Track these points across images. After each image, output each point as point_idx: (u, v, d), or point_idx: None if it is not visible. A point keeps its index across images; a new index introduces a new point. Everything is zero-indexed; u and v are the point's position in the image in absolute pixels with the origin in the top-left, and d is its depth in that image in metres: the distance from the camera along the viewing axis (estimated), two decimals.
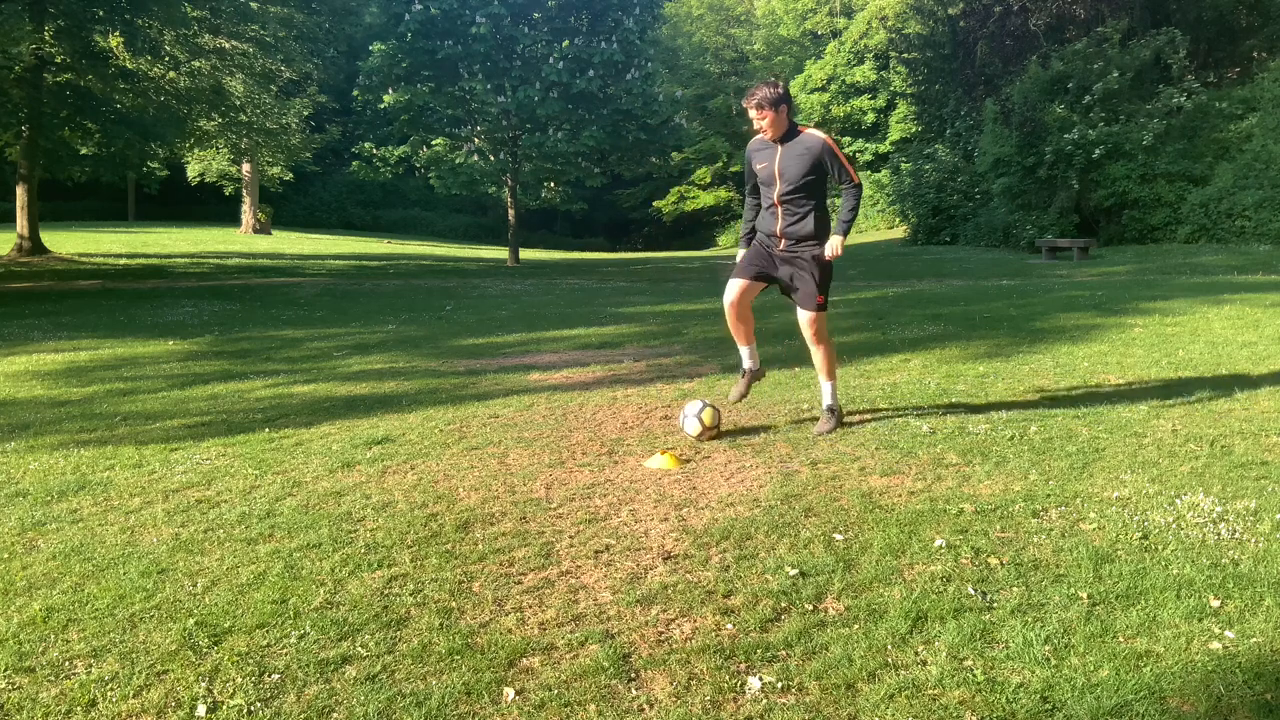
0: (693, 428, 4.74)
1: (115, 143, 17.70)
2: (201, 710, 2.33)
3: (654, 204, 46.22)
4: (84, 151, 18.57)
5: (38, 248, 20.43)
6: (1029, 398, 5.50)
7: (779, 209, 4.75)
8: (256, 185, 33.69)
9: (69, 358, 8.15)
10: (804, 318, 4.87)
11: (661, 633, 2.68)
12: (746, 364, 5.12)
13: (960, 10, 26.80)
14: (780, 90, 4.62)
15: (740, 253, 5.02)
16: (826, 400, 4.95)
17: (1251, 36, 23.43)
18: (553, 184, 25.64)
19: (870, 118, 39.67)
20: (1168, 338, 7.42)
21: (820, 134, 4.73)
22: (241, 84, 22.57)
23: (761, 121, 4.62)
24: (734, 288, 4.85)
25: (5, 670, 2.54)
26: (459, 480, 4.19)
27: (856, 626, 2.68)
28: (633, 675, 2.46)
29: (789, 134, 4.69)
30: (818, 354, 4.93)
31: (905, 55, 30.98)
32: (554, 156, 23.00)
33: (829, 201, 4.94)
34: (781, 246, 4.80)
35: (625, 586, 2.99)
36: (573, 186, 26.82)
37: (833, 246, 4.69)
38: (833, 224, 4.76)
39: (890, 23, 35.45)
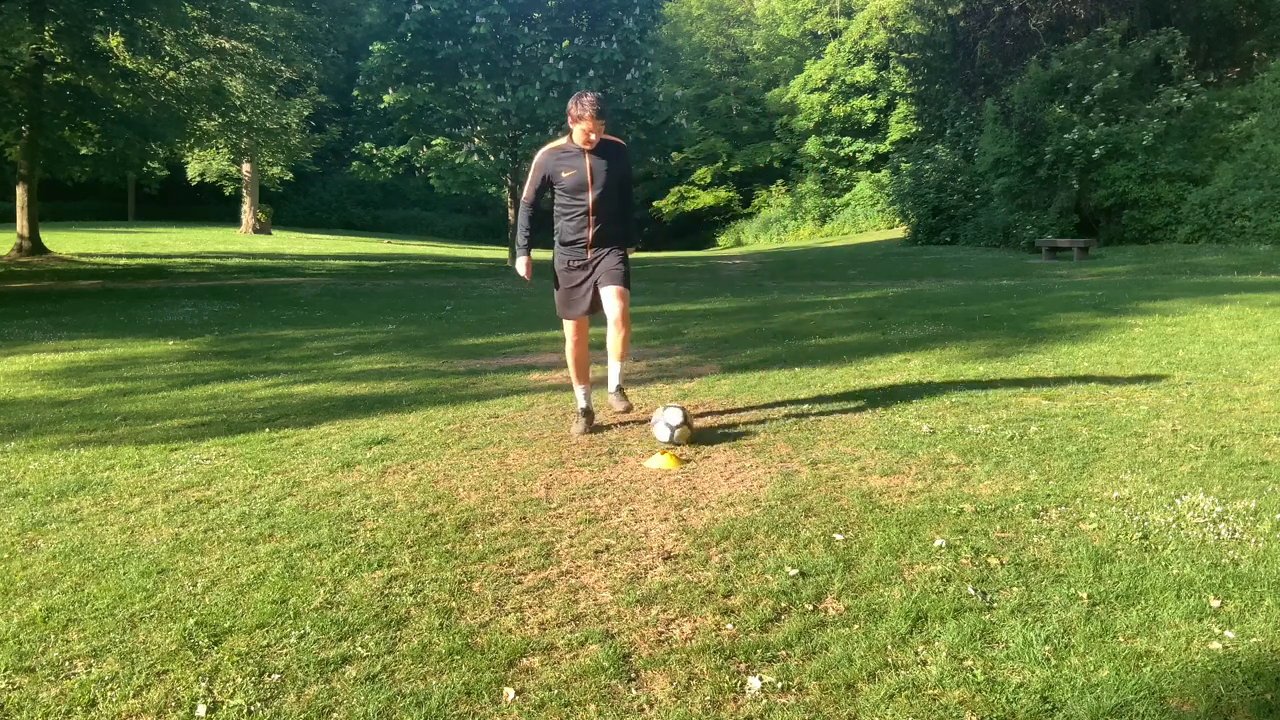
0: (663, 434, 4.61)
1: (115, 143, 17.71)
2: (201, 710, 2.33)
3: (654, 204, 46.23)
4: (84, 151, 18.58)
5: (38, 248, 20.43)
6: (1029, 398, 5.50)
7: (591, 216, 4.79)
8: (256, 185, 33.69)
9: (69, 358, 8.15)
10: (613, 291, 4.80)
11: (661, 633, 2.68)
12: (582, 403, 5.04)
13: (960, 10, 26.80)
14: (602, 101, 4.68)
15: (521, 261, 4.98)
16: (617, 380, 4.98)
17: (1251, 36, 23.43)
18: None
19: (870, 118, 39.68)
20: (1168, 338, 7.42)
21: (617, 139, 4.87)
22: (241, 84, 22.57)
23: (596, 130, 4.64)
24: (571, 329, 4.95)
25: (5, 670, 2.54)
26: (459, 480, 4.19)
27: (856, 626, 2.68)
28: (633, 675, 2.46)
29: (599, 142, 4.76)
30: (620, 335, 4.84)
31: (905, 55, 30.97)
32: None
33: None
34: (590, 256, 4.85)
35: (625, 586, 2.99)
36: None
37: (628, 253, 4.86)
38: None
39: (890, 23, 35.46)
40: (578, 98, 4.63)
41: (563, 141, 4.80)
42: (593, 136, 4.65)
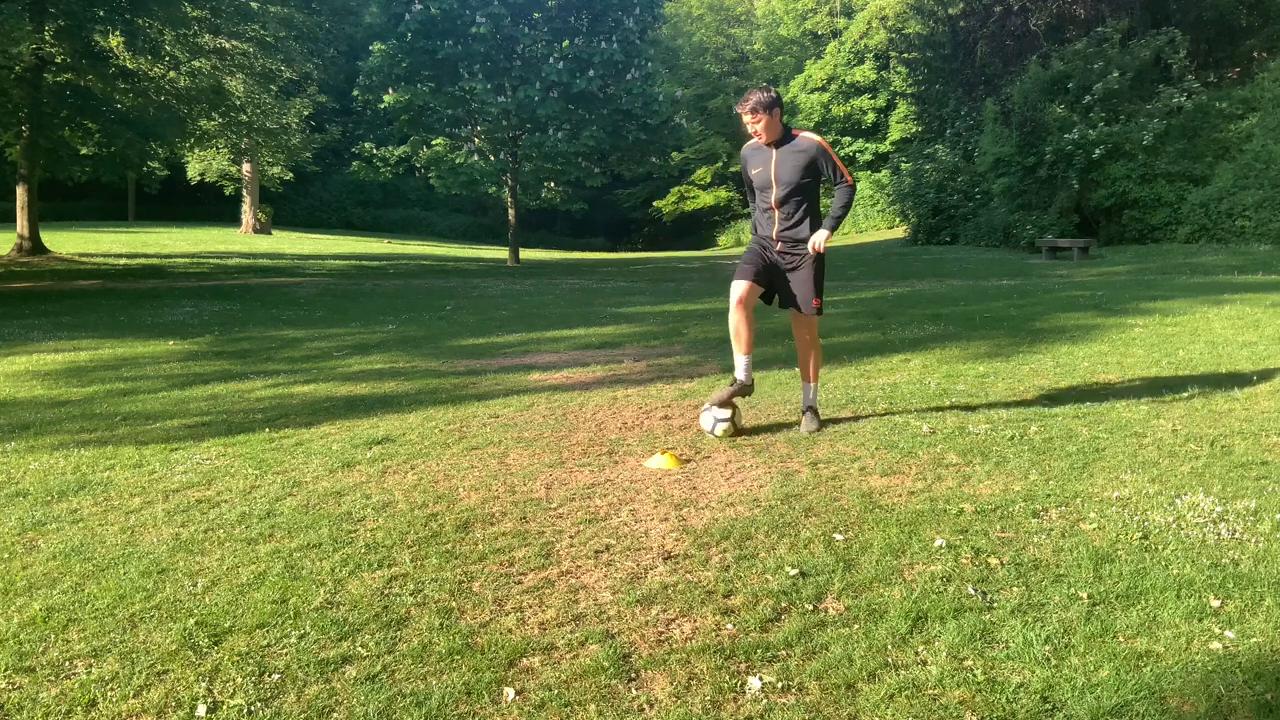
0: (722, 430, 4.77)
1: (115, 143, 17.70)
2: (201, 710, 2.33)
3: (654, 204, 46.23)
4: (84, 151, 18.56)
5: (38, 248, 20.43)
6: (1029, 398, 5.50)
7: (776, 212, 4.83)
8: (256, 185, 33.69)
9: (69, 358, 8.15)
10: (802, 322, 4.97)
11: (661, 633, 2.68)
12: (740, 374, 4.90)
13: (960, 10, 26.81)
14: (773, 95, 4.69)
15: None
16: (810, 400, 5.01)
17: (1251, 36, 23.43)
18: (553, 184, 25.64)
19: (870, 118, 39.67)
20: (1168, 338, 7.42)
21: (815, 136, 4.81)
22: (241, 84, 22.57)
23: (756, 126, 4.67)
24: (739, 288, 4.80)
25: (5, 670, 2.54)
26: (459, 480, 4.19)
27: (856, 626, 2.68)
28: (633, 675, 2.46)
29: (783, 137, 4.76)
30: (810, 356, 5.01)
31: (905, 55, 30.99)
32: (554, 156, 23.00)
33: (822, 205, 5.01)
34: (779, 249, 4.88)
35: (625, 586, 2.99)
36: (573, 186, 26.82)
37: (816, 240, 4.76)
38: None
39: (890, 23, 35.48)
40: (742, 96, 4.70)
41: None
42: (758, 128, 4.68)
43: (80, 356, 8.22)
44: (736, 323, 4.83)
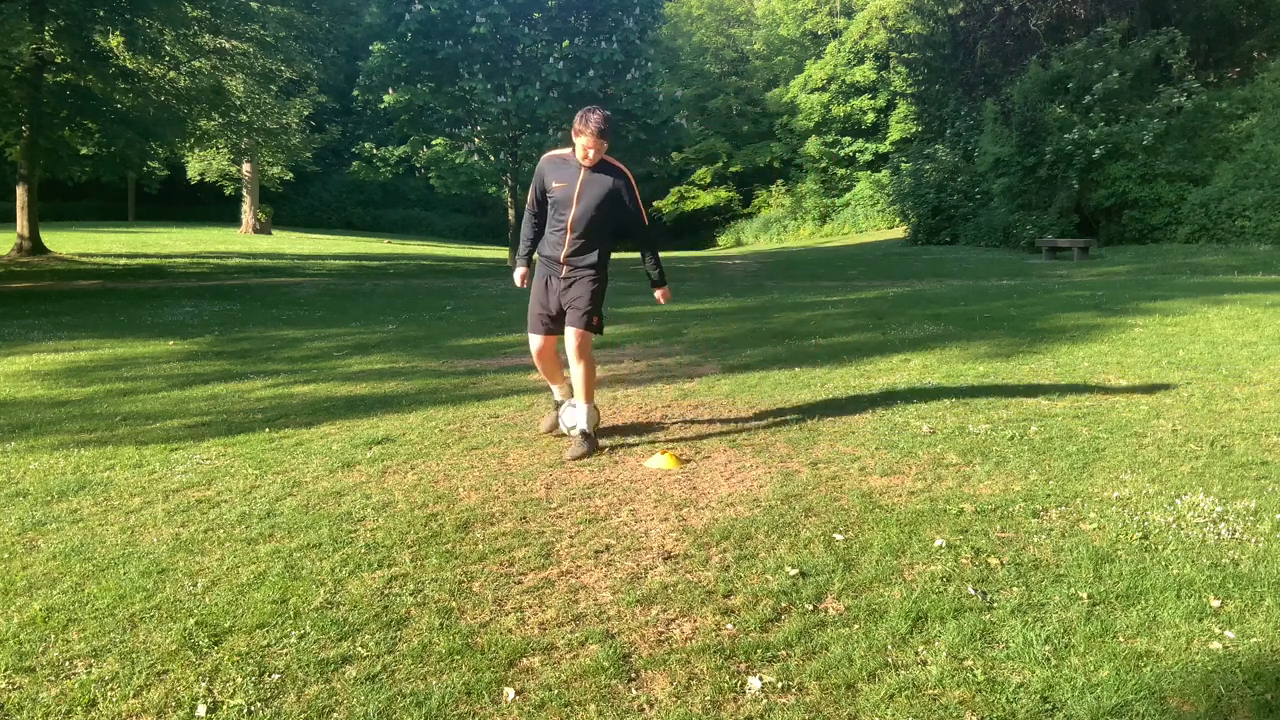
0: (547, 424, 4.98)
1: (115, 143, 17.68)
2: (201, 710, 2.33)
3: (654, 204, 46.18)
4: (84, 151, 18.55)
5: (38, 248, 20.43)
6: (1029, 398, 5.50)
7: (568, 234, 4.66)
8: (257, 185, 33.68)
9: (69, 358, 8.14)
10: (570, 333, 4.71)
11: (661, 633, 2.68)
12: (557, 397, 5.07)
13: (960, 10, 26.82)
14: (608, 122, 4.53)
15: (517, 273, 5.04)
16: (581, 424, 4.70)
17: (1251, 36, 23.44)
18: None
19: (870, 118, 39.68)
20: (1168, 338, 7.42)
21: (623, 167, 4.74)
22: (241, 84, 22.56)
23: (601, 152, 4.54)
24: (535, 342, 4.90)
25: (5, 670, 2.54)
26: (459, 480, 4.19)
27: (856, 626, 2.68)
28: (633, 675, 2.46)
29: (599, 162, 4.63)
30: (578, 371, 4.72)
31: (905, 55, 30.99)
32: None
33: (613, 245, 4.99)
34: (564, 273, 4.72)
35: (625, 586, 2.99)
36: None
37: (665, 295, 5.16)
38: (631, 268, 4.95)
39: (890, 23, 35.49)
40: (585, 113, 4.48)
41: (567, 151, 4.69)
42: (590, 154, 4.53)
43: (80, 356, 8.22)
44: (542, 368, 5.03)
